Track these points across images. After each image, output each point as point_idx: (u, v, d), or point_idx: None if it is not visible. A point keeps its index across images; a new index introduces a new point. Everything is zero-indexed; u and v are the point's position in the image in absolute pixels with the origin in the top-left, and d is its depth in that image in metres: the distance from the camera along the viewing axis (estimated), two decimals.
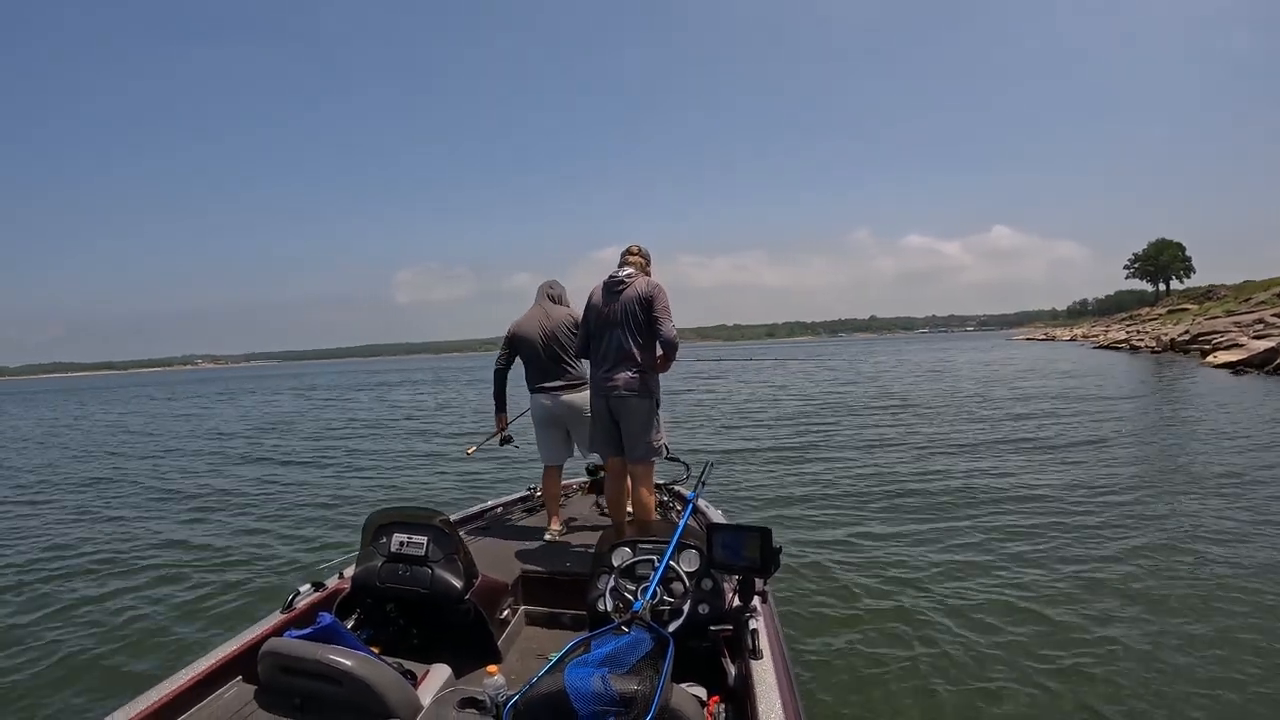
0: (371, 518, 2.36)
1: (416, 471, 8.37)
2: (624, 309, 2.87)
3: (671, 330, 2.86)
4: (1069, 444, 8.03)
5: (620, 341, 2.87)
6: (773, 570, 1.87)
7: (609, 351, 2.90)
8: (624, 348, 2.87)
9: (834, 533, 4.93)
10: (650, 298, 2.85)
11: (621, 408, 2.88)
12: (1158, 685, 2.75)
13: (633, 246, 3.06)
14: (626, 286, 2.90)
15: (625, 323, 2.87)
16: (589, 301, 3.00)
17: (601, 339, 2.93)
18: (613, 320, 2.89)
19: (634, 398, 2.86)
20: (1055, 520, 4.97)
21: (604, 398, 2.91)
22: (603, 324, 2.92)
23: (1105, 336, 41.55)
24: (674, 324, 2.88)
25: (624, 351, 2.87)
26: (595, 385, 2.97)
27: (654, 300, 2.85)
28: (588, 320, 3.00)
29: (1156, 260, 76.30)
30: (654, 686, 1.27)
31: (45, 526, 6.37)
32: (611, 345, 2.89)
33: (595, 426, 3.01)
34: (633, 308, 2.86)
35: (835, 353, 55.61)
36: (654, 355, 2.93)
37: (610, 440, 2.98)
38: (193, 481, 8.43)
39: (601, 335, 2.92)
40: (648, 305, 2.85)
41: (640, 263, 3.02)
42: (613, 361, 2.89)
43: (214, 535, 5.62)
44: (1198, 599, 3.49)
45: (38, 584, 4.56)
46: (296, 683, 1.70)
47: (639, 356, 2.88)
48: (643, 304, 2.86)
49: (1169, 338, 28.44)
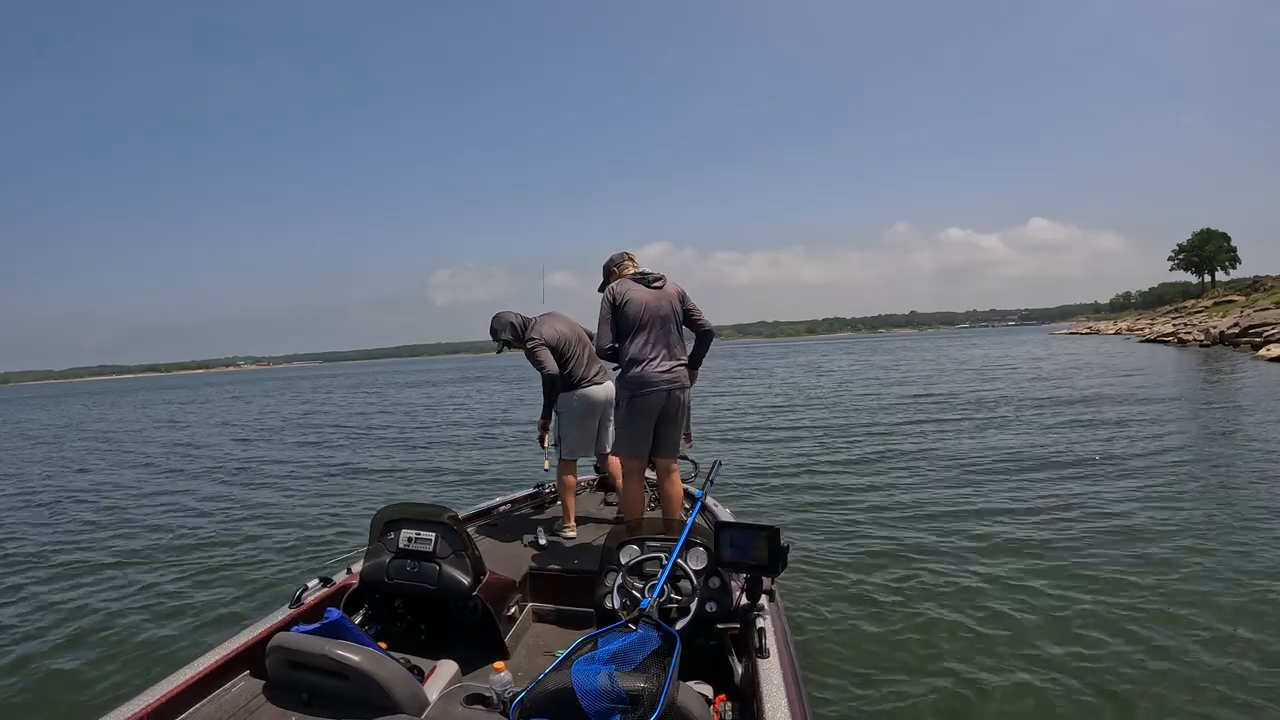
0: (380, 514, 2.40)
1: (435, 468, 8.51)
2: (669, 304, 2.94)
3: (709, 323, 3.06)
4: (1122, 449, 7.74)
5: (669, 336, 2.93)
6: (781, 569, 1.88)
7: (658, 345, 2.89)
8: (674, 342, 2.94)
9: (844, 533, 4.93)
10: (683, 293, 3.01)
11: (677, 403, 2.92)
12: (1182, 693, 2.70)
13: (628, 253, 3.16)
14: (665, 282, 2.97)
15: (671, 317, 2.94)
16: (629, 297, 2.91)
17: (649, 332, 2.89)
18: (661, 314, 2.91)
19: (685, 392, 2.97)
20: (1094, 529, 4.77)
21: (662, 392, 2.86)
22: (651, 318, 2.89)
23: (1151, 330, 40.49)
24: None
25: (676, 346, 2.95)
26: (643, 380, 2.86)
27: (686, 296, 3.02)
28: (627, 315, 2.90)
29: (1201, 251, 74.38)
30: (660, 684, 1.28)
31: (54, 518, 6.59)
32: (661, 339, 2.90)
33: (631, 424, 2.93)
34: (675, 304, 2.97)
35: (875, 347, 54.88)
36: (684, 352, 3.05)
37: (645, 439, 2.93)
38: (211, 476, 8.66)
39: (649, 329, 2.89)
40: (684, 300, 3.00)
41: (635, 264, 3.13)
42: (665, 355, 2.89)
43: (224, 531, 5.76)
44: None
45: (43, 578, 4.73)
46: (304, 677, 1.74)
47: (682, 351, 2.99)
48: (681, 299, 3.00)
49: (1218, 331, 27.68)
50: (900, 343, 69.87)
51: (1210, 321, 33.97)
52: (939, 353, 36.31)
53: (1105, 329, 56.50)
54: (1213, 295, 55.41)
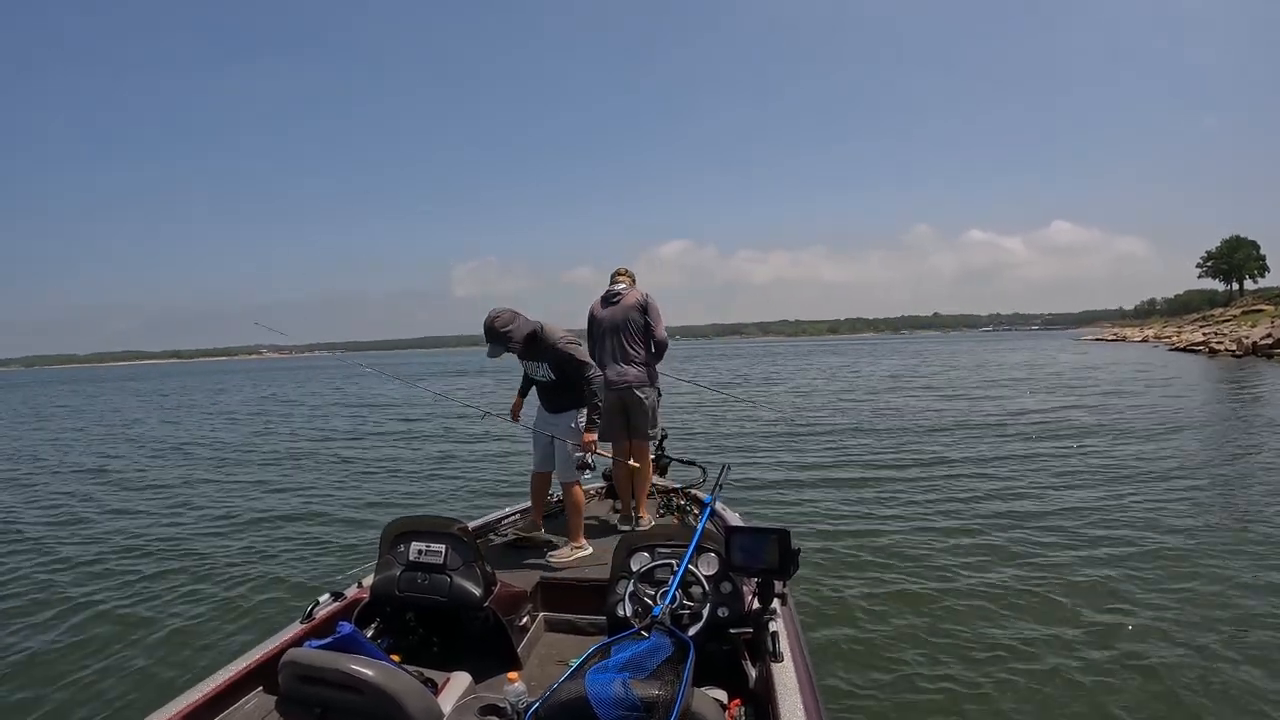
0: (389, 527, 2.44)
1: (439, 477, 8.54)
2: (626, 316, 3.53)
3: (663, 333, 3.60)
4: (1152, 455, 7.72)
5: (623, 344, 3.53)
6: (792, 572, 1.90)
7: (613, 353, 3.54)
8: (627, 349, 3.53)
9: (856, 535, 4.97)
10: (645, 306, 3.55)
11: (633, 397, 3.51)
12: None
13: (620, 268, 3.75)
14: (622, 297, 3.58)
15: (625, 328, 3.53)
16: (591, 314, 3.65)
17: (606, 341, 3.56)
18: (614, 325, 3.55)
19: (641, 390, 3.52)
20: (1130, 545, 4.74)
21: (615, 391, 3.46)
22: (605, 330, 3.57)
23: (1180, 338, 40.07)
24: (664, 327, 3.60)
25: (629, 351, 3.53)
26: (604, 383, 3.34)
27: (647, 308, 3.55)
28: (592, 330, 3.63)
29: (1231, 258, 74.00)
30: (675, 691, 1.31)
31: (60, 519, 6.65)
32: (615, 348, 3.54)
33: (606, 417, 3.37)
34: (633, 315, 3.53)
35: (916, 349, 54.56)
36: (649, 353, 3.60)
37: (617, 428, 3.56)
38: (216, 476, 8.69)
39: (605, 339, 3.56)
40: (643, 311, 3.54)
41: (629, 280, 3.71)
42: (616, 361, 3.52)
43: (235, 544, 5.79)
44: None
45: (55, 589, 4.77)
46: (317, 692, 1.75)
47: (640, 355, 3.55)
48: (639, 311, 3.54)
49: (1250, 341, 27.36)
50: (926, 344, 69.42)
51: (1241, 331, 33.55)
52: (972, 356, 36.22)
53: (1132, 336, 55.93)
54: (1241, 304, 54.91)
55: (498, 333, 2.98)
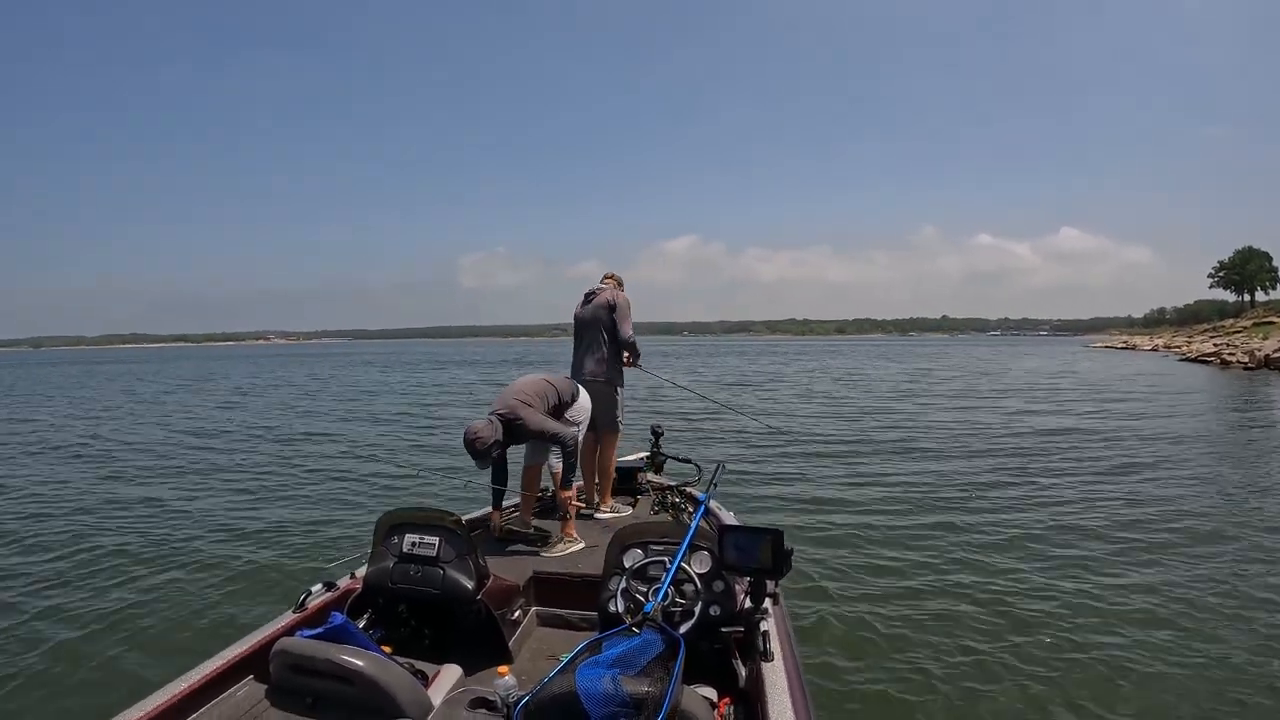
0: (383, 518, 2.46)
1: (435, 469, 8.56)
2: (595, 314, 3.79)
3: (626, 331, 3.77)
4: (1134, 459, 7.76)
5: (593, 341, 3.80)
6: (785, 572, 1.91)
7: (586, 349, 3.82)
8: (597, 344, 3.79)
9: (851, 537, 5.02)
10: (613, 304, 3.76)
11: (600, 391, 3.72)
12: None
13: (609, 273, 3.98)
14: (597, 296, 3.83)
15: (595, 324, 3.79)
16: (574, 314, 3.92)
17: (581, 338, 3.86)
18: (588, 323, 3.82)
19: (602, 383, 3.74)
20: (1110, 545, 4.84)
21: (588, 384, 3.70)
22: (581, 328, 3.86)
23: (1190, 348, 39.98)
24: (631, 326, 3.77)
25: (599, 348, 3.78)
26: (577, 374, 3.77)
27: (615, 308, 3.76)
28: (574, 328, 3.91)
29: (1243, 269, 74.20)
30: (665, 688, 1.32)
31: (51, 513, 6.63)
32: (589, 344, 3.81)
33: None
34: (601, 314, 3.78)
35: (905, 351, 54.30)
36: (619, 350, 3.82)
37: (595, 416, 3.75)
38: (214, 462, 8.72)
39: (580, 336, 3.86)
40: (610, 310, 3.76)
41: (613, 283, 3.92)
42: (587, 356, 3.80)
43: (227, 532, 5.81)
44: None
45: (46, 576, 4.79)
46: (308, 682, 1.78)
47: (606, 351, 3.78)
48: (606, 310, 3.76)
49: (1263, 353, 27.29)
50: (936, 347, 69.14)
51: (1253, 343, 33.49)
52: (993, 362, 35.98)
53: (1142, 344, 55.84)
54: (1252, 315, 54.80)
55: (478, 451, 3.04)
